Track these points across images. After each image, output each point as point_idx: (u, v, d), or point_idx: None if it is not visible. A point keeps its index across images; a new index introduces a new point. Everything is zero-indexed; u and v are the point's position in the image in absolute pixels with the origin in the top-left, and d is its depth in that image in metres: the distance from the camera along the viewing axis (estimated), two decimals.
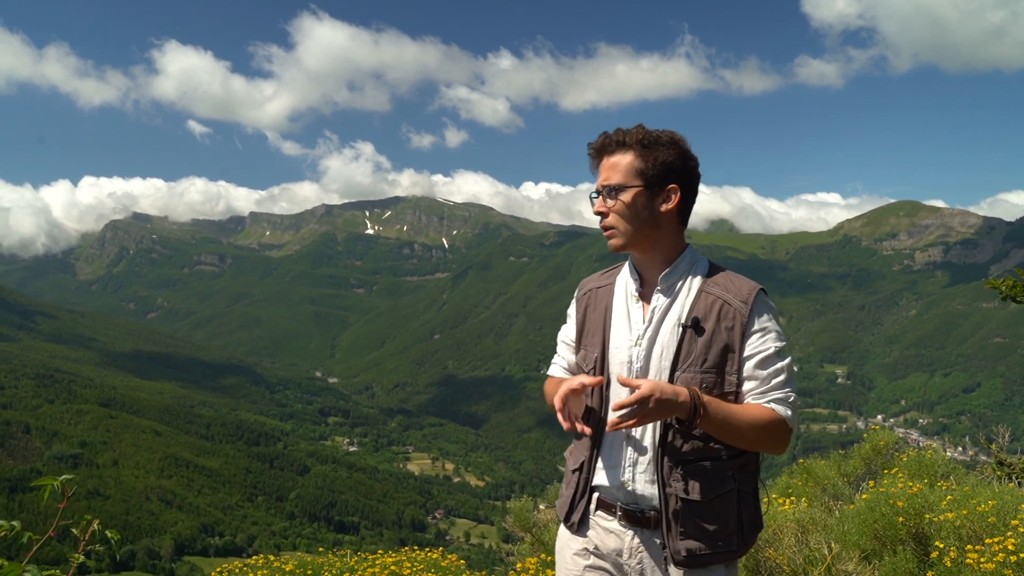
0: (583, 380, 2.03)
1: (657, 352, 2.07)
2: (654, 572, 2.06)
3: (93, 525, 1.71)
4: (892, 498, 4.30)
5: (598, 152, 2.15)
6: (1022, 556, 3.38)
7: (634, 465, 2.07)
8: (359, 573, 4.77)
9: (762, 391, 2.01)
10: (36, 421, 75.68)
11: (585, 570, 2.17)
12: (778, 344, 2.03)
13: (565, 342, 2.36)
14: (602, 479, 2.13)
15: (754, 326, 2.03)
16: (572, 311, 2.36)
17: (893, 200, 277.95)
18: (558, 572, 2.28)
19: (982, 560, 3.40)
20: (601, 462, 2.14)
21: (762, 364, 2.01)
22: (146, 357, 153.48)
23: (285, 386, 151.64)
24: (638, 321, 2.13)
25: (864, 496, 4.63)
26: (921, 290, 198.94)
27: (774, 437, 1.99)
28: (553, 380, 2.36)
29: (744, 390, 2.03)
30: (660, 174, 2.07)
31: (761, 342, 2.02)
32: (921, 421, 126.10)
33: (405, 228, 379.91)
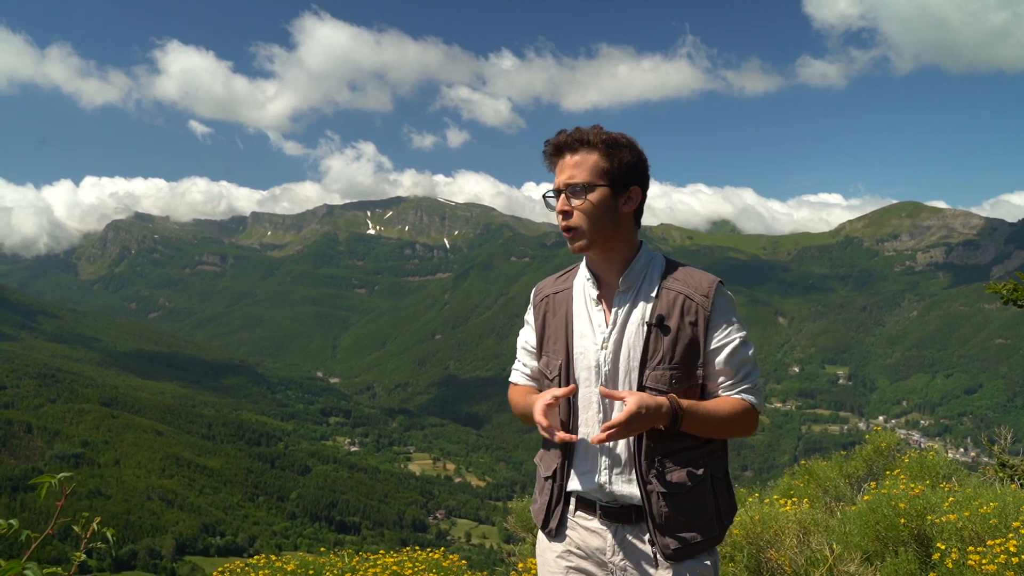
0: (555, 393, 2.07)
1: (624, 353, 2.07)
2: (638, 567, 2.07)
3: (93, 524, 1.72)
4: (894, 499, 4.30)
5: (558, 149, 2.12)
6: None
7: (610, 467, 2.08)
8: (360, 573, 4.77)
9: (733, 383, 2.07)
10: (38, 420, 75.73)
11: (567, 571, 2.16)
12: (741, 335, 2.08)
13: (526, 348, 2.35)
14: (578, 484, 2.13)
15: (716, 320, 2.07)
16: (530, 317, 2.35)
17: (895, 201, 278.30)
18: (540, 575, 2.28)
19: (984, 562, 3.40)
20: (575, 468, 2.14)
21: (730, 357, 2.06)
22: (148, 357, 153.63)
23: (286, 386, 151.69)
24: (601, 325, 2.12)
25: (866, 497, 4.63)
26: (923, 291, 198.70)
27: (747, 424, 2.08)
28: (517, 388, 2.35)
29: (716, 383, 2.08)
30: (623, 175, 2.08)
31: (726, 335, 2.07)
32: (923, 422, 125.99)
33: (407, 228, 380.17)
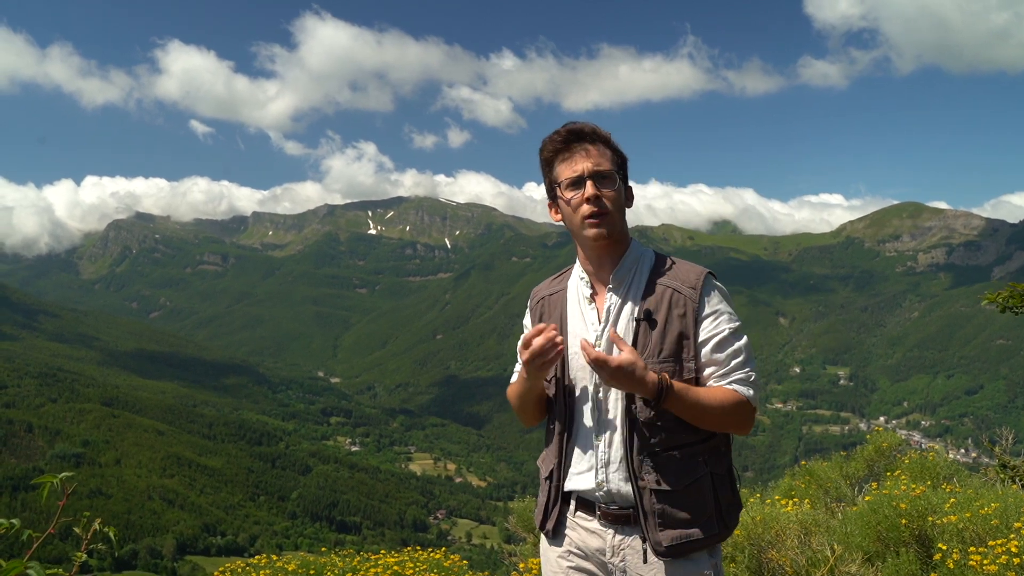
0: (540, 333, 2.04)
1: (616, 350, 2.06)
2: (638, 568, 2.06)
3: (95, 524, 1.71)
4: (895, 500, 4.30)
5: (579, 136, 2.11)
6: None
7: (606, 466, 2.08)
8: (362, 573, 4.78)
9: (722, 373, 2.04)
10: (39, 420, 75.77)
11: (569, 572, 2.17)
12: (732, 325, 2.05)
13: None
14: (575, 484, 2.14)
15: (705, 310, 2.06)
16: (527, 321, 2.38)
17: (896, 201, 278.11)
18: (543, 574, 2.31)
19: (985, 562, 3.40)
20: (572, 468, 2.15)
21: (719, 347, 2.04)
22: (148, 356, 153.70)
23: (287, 386, 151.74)
24: (594, 322, 2.14)
25: (867, 498, 4.63)
26: (924, 292, 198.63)
27: (739, 418, 2.02)
28: (512, 386, 2.36)
29: (705, 375, 2.06)
30: (625, 172, 2.16)
31: (714, 325, 2.05)
32: (924, 423, 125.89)
33: (408, 228, 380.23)
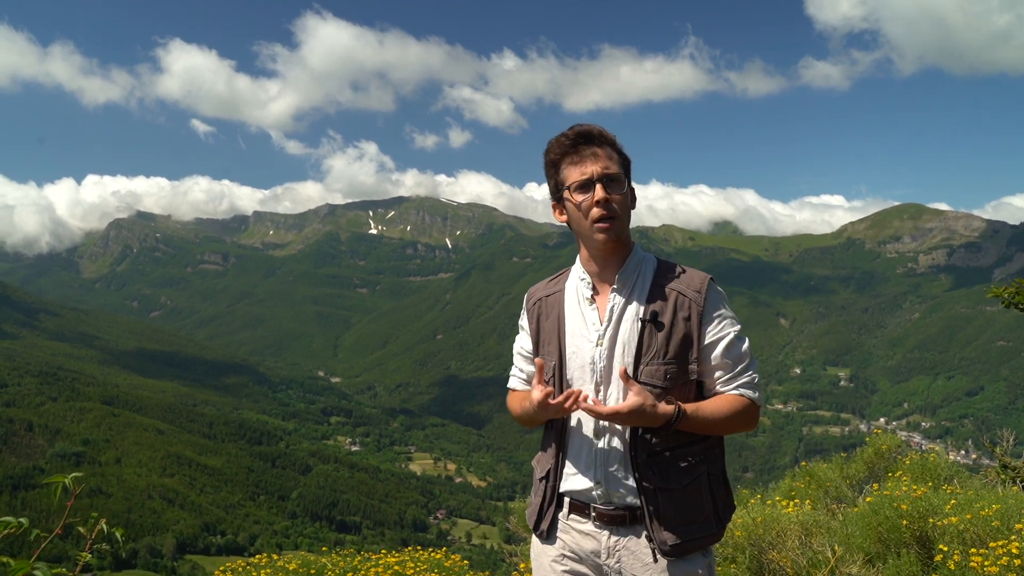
0: (538, 397, 2.03)
1: (619, 349, 2.09)
2: (633, 568, 2.07)
3: (100, 523, 1.73)
4: (896, 501, 4.30)
5: (588, 138, 2.12)
6: None
7: (605, 465, 2.08)
8: (362, 573, 4.78)
9: (730, 378, 2.09)
10: (39, 419, 75.76)
11: (563, 575, 2.17)
12: (735, 329, 2.11)
13: (522, 353, 2.37)
14: (572, 484, 2.14)
15: (710, 314, 2.10)
16: (524, 322, 2.37)
17: (897, 203, 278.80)
18: None
19: (986, 564, 3.40)
20: (569, 468, 2.15)
21: (726, 351, 2.08)
22: (149, 355, 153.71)
23: (287, 385, 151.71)
24: (595, 323, 2.13)
25: (868, 499, 4.63)
26: (924, 293, 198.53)
27: (746, 420, 2.10)
28: (516, 394, 2.36)
29: (713, 378, 2.10)
30: (629, 175, 2.17)
31: (719, 329, 2.10)
32: (924, 424, 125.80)
33: (408, 228, 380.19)
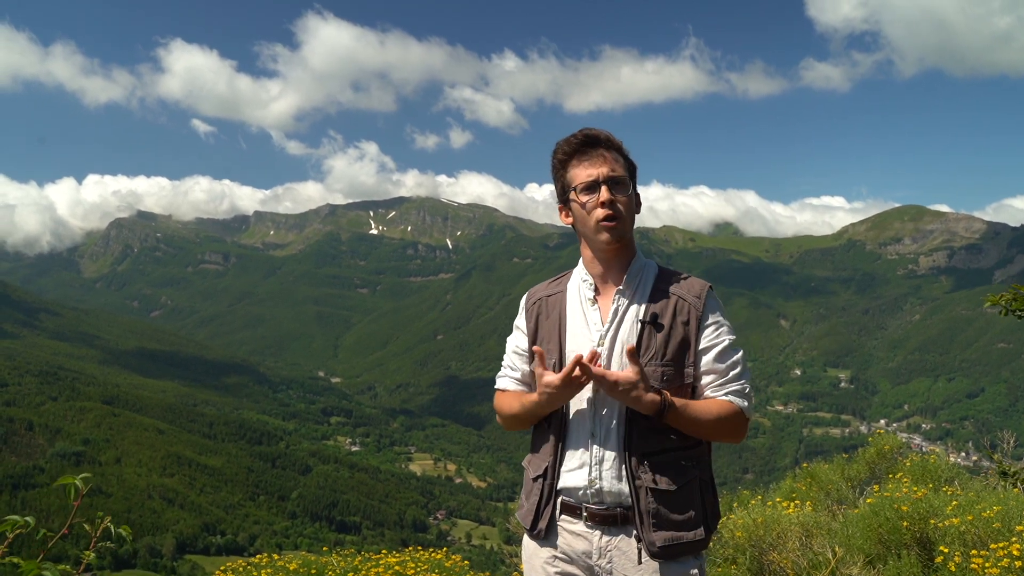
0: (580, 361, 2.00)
1: (619, 349, 2.12)
2: (624, 569, 2.07)
3: (106, 522, 1.72)
4: (896, 503, 4.30)
5: (594, 141, 2.15)
6: None
7: (600, 463, 2.09)
8: (363, 573, 4.78)
9: (720, 383, 2.11)
10: (39, 418, 75.78)
11: None
12: (731, 337, 2.15)
13: (517, 352, 2.34)
14: (567, 482, 2.14)
15: (708, 320, 2.14)
16: (521, 322, 2.35)
17: (898, 204, 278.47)
18: None
19: (987, 565, 3.40)
20: (566, 465, 2.15)
21: (720, 357, 2.12)
22: (149, 355, 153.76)
23: (288, 385, 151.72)
24: (596, 323, 2.17)
25: (868, 500, 4.63)
26: (925, 295, 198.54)
27: (734, 428, 2.10)
28: (508, 394, 2.32)
29: (703, 383, 2.13)
30: (635, 180, 2.20)
31: (715, 335, 2.13)
32: (924, 426, 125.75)
33: (409, 229, 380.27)
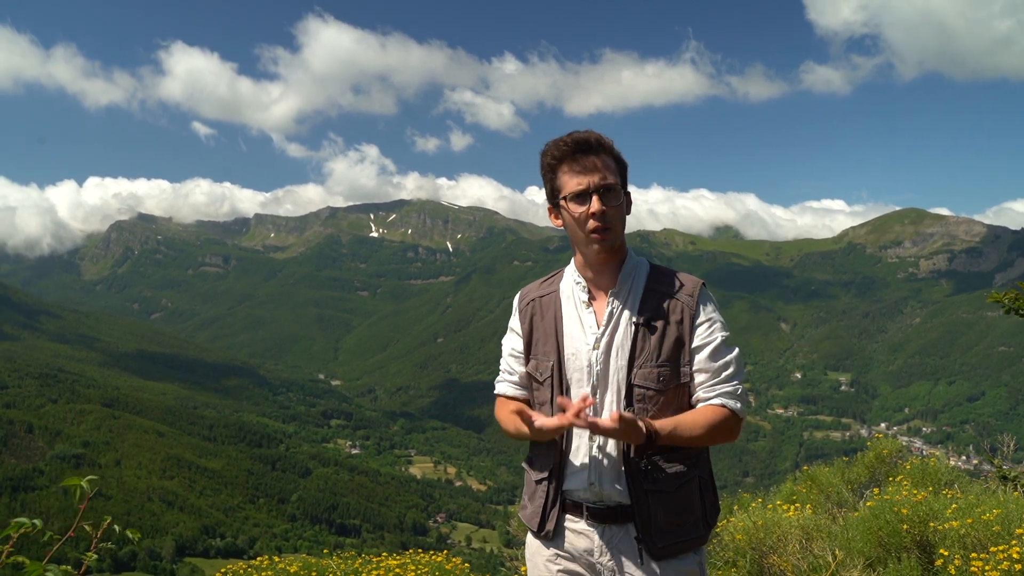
0: (550, 422, 2.00)
1: (615, 353, 2.12)
2: (626, 566, 2.09)
3: (109, 524, 1.72)
4: (897, 506, 4.30)
5: (585, 148, 2.11)
6: None
7: (600, 466, 2.11)
8: (364, 575, 4.78)
9: (712, 384, 2.10)
10: (39, 421, 75.73)
11: (558, 574, 2.19)
12: (724, 334, 2.13)
13: (513, 354, 2.35)
14: (570, 484, 2.16)
15: (700, 317, 2.13)
16: (515, 323, 2.36)
17: (898, 208, 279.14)
18: None
19: (987, 568, 3.40)
20: (570, 467, 2.17)
21: (713, 355, 2.11)
22: (149, 358, 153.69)
23: (288, 388, 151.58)
24: (592, 326, 2.16)
25: (869, 503, 4.63)
26: (925, 298, 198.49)
27: (727, 430, 2.09)
28: (507, 404, 2.29)
29: (696, 382, 2.12)
30: (625, 179, 2.18)
31: (709, 332, 2.12)
32: (925, 429, 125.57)
33: (409, 231, 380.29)
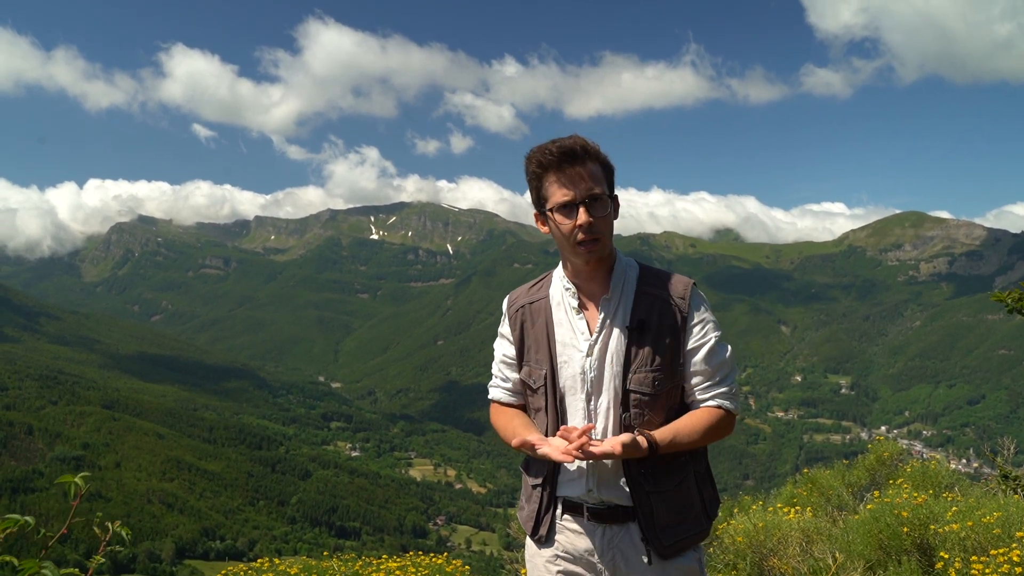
0: (550, 452, 2.04)
1: (609, 359, 2.10)
2: (627, 565, 2.10)
3: (113, 526, 1.70)
4: (897, 508, 4.29)
5: (571, 159, 2.05)
6: None
7: (599, 470, 2.10)
8: None
9: (708, 386, 2.12)
10: (39, 422, 75.66)
11: (557, 575, 2.19)
12: (717, 334, 2.14)
13: (505, 361, 2.33)
14: (567, 491, 2.16)
15: (693, 319, 2.13)
16: (506, 329, 2.33)
17: (898, 211, 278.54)
18: None
19: (987, 571, 3.40)
20: (564, 474, 2.17)
21: (708, 357, 2.11)
22: (149, 360, 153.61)
23: (288, 390, 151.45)
24: (584, 332, 2.14)
25: (869, 506, 4.63)
26: (926, 301, 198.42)
27: (724, 430, 2.13)
28: (504, 412, 2.31)
29: (692, 383, 2.13)
30: (612, 183, 2.14)
31: (703, 334, 2.12)
32: (925, 432, 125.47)
33: (410, 234, 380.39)
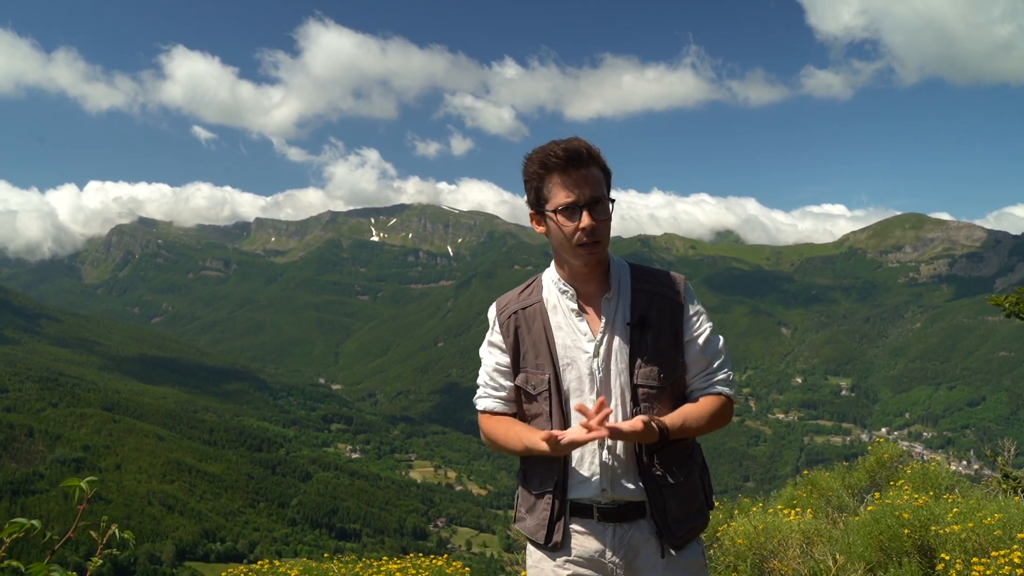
0: (576, 436, 1.96)
1: (614, 357, 2.12)
2: (636, 561, 2.10)
3: (112, 528, 1.70)
4: (897, 510, 4.29)
5: (575, 162, 2.06)
6: None
7: (612, 470, 2.09)
8: None
9: (707, 375, 2.18)
10: (39, 424, 75.65)
11: None
12: (709, 324, 2.21)
13: (499, 369, 2.26)
14: (578, 493, 2.12)
15: (690, 311, 2.19)
16: (497, 337, 2.26)
17: (899, 212, 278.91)
18: None
19: (988, 573, 3.40)
20: (574, 477, 2.13)
21: (705, 348, 2.18)
22: (150, 361, 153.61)
23: (288, 392, 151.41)
24: (587, 333, 2.14)
25: (869, 508, 4.63)
26: (926, 303, 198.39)
27: (725, 417, 2.18)
28: (501, 421, 2.25)
29: (691, 374, 2.19)
30: (610, 187, 2.15)
31: (698, 325, 2.19)
32: (925, 434, 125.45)
33: (410, 236, 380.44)
